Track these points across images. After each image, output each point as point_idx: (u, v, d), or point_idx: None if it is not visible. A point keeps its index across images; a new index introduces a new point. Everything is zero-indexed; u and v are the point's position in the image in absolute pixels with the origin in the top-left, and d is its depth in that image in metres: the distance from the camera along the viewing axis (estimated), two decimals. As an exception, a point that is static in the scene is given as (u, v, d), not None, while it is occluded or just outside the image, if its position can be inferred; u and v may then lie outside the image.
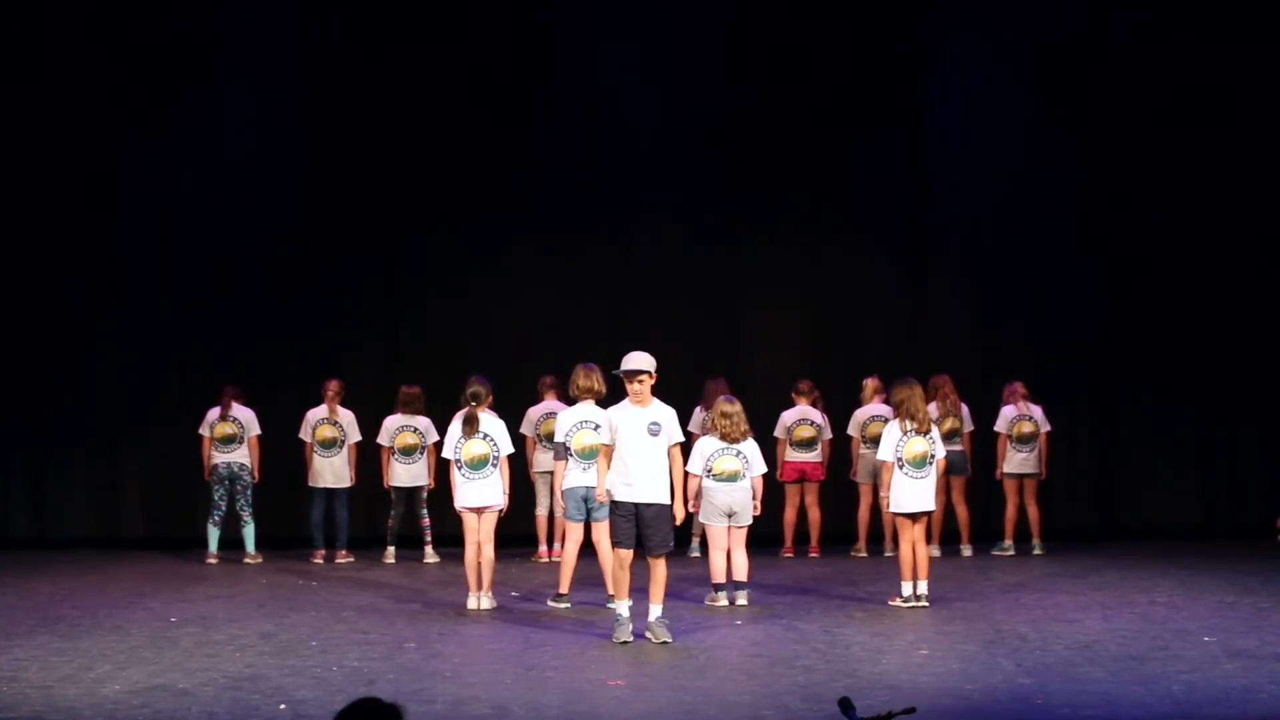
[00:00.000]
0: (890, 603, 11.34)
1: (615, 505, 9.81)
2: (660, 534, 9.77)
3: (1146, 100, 15.86)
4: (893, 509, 11.61)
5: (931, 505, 11.50)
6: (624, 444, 9.76)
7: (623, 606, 9.72)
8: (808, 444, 14.49)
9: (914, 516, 11.37)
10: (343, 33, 15.82)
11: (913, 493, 11.37)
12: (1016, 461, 14.62)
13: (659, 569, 9.82)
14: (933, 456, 11.41)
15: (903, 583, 11.31)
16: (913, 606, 11.17)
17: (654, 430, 9.74)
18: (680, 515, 9.96)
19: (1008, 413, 14.56)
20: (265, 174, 15.89)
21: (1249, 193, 15.82)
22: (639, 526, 9.75)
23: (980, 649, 9.49)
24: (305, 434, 14.39)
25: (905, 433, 11.37)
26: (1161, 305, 15.91)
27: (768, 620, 10.74)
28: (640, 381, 9.75)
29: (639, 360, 9.81)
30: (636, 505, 9.71)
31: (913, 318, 16.10)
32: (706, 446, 11.70)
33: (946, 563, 13.87)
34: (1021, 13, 16.17)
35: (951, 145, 16.19)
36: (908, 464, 11.36)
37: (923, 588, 11.25)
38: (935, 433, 11.52)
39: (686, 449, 12.33)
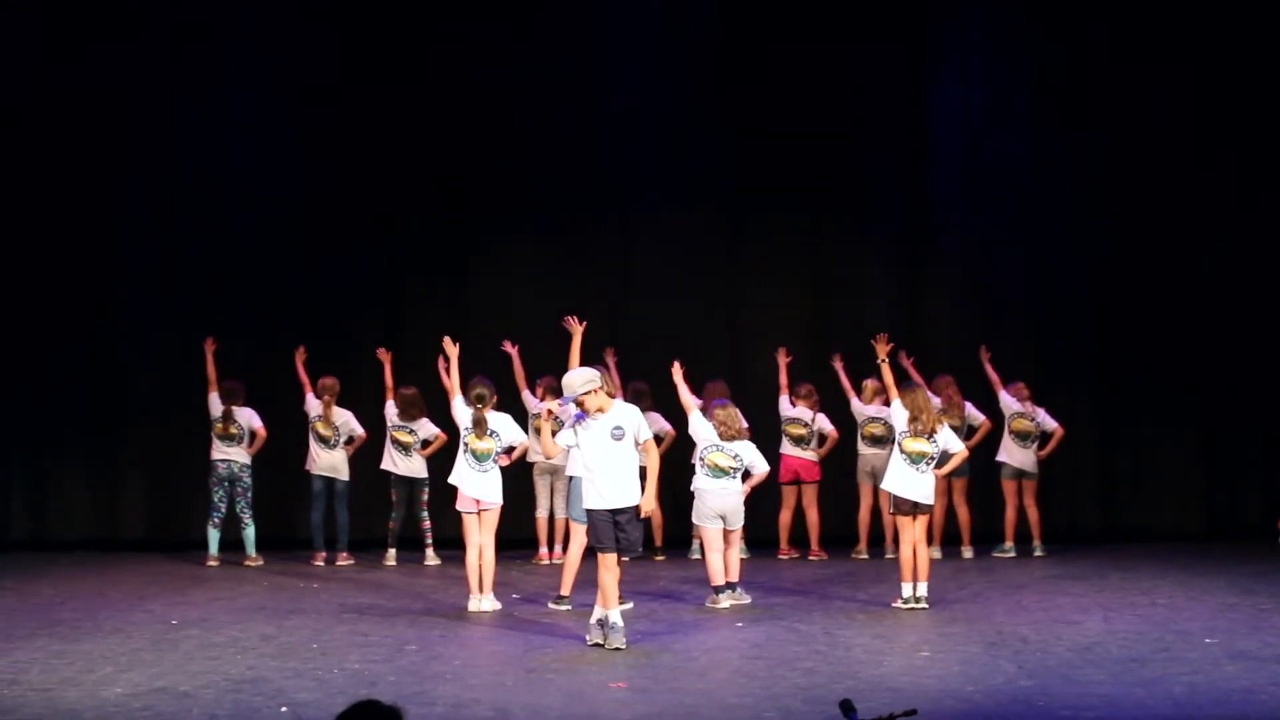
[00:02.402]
0: (892, 605, 11.34)
1: (591, 511, 9.79)
2: (630, 538, 9.71)
3: (1147, 98, 15.86)
4: (887, 487, 11.61)
5: (929, 500, 11.48)
6: (589, 454, 9.72)
7: (615, 613, 9.68)
8: (800, 441, 14.50)
9: (912, 512, 11.36)
10: (343, 32, 15.84)
11: (911, 481, 11.38)
12: (1017, 457, 14.62)
13: (615, 570, 9.70)
14: (932, 458, 11.41)
15: (902, 584, 11.32)
16: (912, 608, 11.17)
17: (617, 435, 9.65)
18: (646, 509, 9.83)
19: (1011, 404, 14.57)
20: (265, 174, 15.92)
21: (1250, 193, 15.82)
22: (614, 530, 9.71)
23: (981, 651, 9.48)
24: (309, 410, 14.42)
25: (914, 433, 11.38)
26: (1162, 306, 15.91)
27: (768, 622, 10.73)
28: (583, 403, 9.68)
29: (575, 385, 9.64)
30: (611, 511, 9.69)
31: (913, 317, 16.09)
32: (706, 434, 11.73)
33: (948, 564, 13.88)
34: (1023, 9, 16.18)
35: (952, 145, 16.19)
36: (908, 455, 11.39)
37: (923, 589, 11.25)
38: (942, 436, 11.50)
39: (689, 450, 12.42)
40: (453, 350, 11.55)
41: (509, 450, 11.67)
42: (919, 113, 16.22)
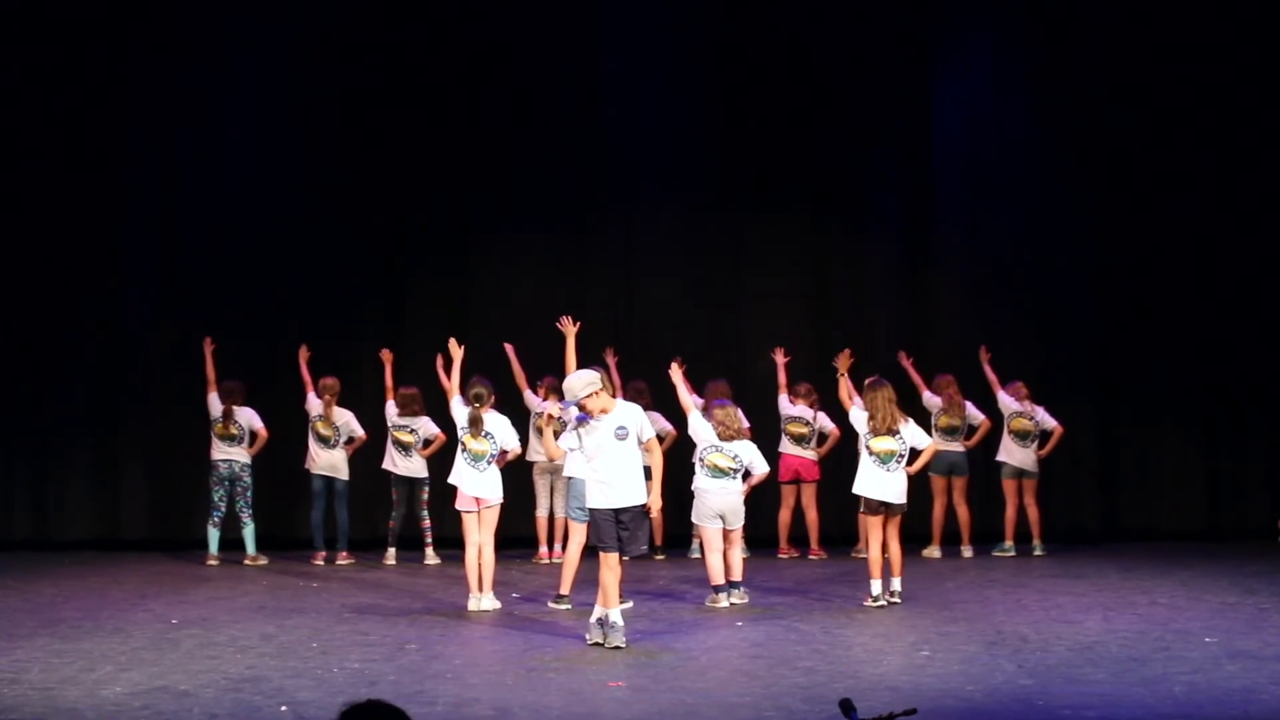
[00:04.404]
0: (863, 603, 11.34)
1: (594, 510, 9.79)
2: (636, 538, 9.71)
3: (1149, 97, 15.87)
4: (856, 490, 11.59)
5: (898, 500, 11.43)
6: (594, 453, 9.70)
7: (615, 612, 9.68)
8: (801, 440, 14.51)
9: (882, 513, 11.37)
10: (343, 31, 15.85)
11: (878, 482, 11.38)
12: (1017, 456, 14.62)
13: (617, 569, 9.69)
14: (902, 456, 11.41)
15: (871, 581, 11.31)
16: (885, 604, 11.21)
17: (621, 434, 9.64)
18: (655, 508, 9.88)
19: (1010, 404, 14.57)
20: (266, 173, 15.93)
21: (1252, 190, 15.83)
22: (617, 529, 9.70)
23: (981, 650, 9.48)
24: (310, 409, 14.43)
25: (874, 431, 11.39)
26: (1164, 305, 15.92)
27: (768, 621, 10.73)
28: (586, 405, 9.67)
29: (577, 389, 9.59)
30: (615, 510, 9.69)
31: (914, 316, 16.11)
32: (705, 435, 11.73)
33: (947, 564, 13.90)
34: (1024, 8, 16.18)
35: (953, 144, 16.19)
36: (876, 455, 11.40)
37: (896, 584, 11.35)
38: (907, 432, 11.47)
39: (690, 449, 12.43)
40: (457, 353, 11.55)
41: (502, 454, 11.64)
42: (919, 112, 16.23)
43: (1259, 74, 15.81)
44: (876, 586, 11.30)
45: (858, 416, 11.57)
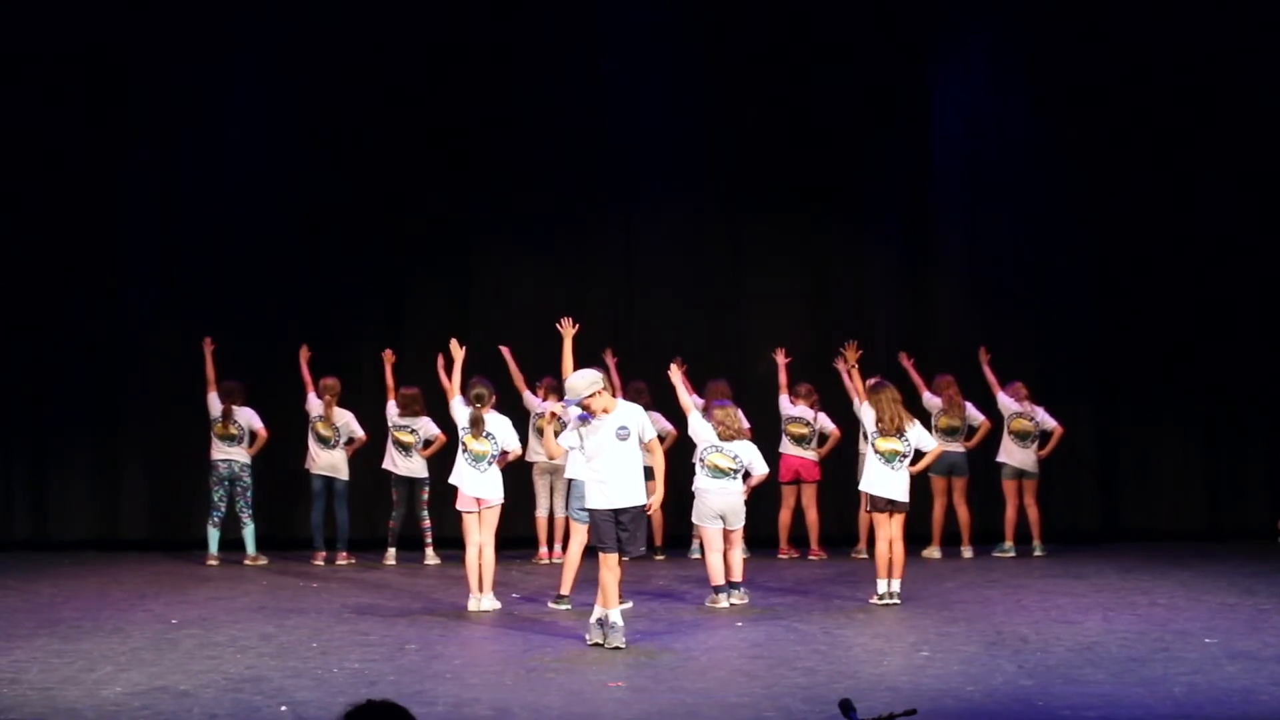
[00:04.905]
0: (869, 601, 11.38)
1: (594, 511, 9.79)
2: (635, 538, 9.71)
3: (1148, 97, 15.87)
4: (863, 487, 11.71)
5: (904, 498, 11.50)
6: (594, 453, 9.69)
7: (614, 613, 9.68)
8: (802, 440, 14.52)
9: (888, 510, 11.42)
10: (343, 31, 15.85)
11: (885, 479, 11.45)
12: (1017, 457, 14.63)
13: (616, 569, 9.69)
14: (905, 455, 11.44)
15: (878, 580, 11.39)
16: (887, 604, 11.24)
17: (622, 435, 9.63)
18: (654, 504, 9.92)
19: (1009, 405, 14.58)
20: (266, 174, 15.93)
21: (1251, 190, 15.82)
22: (617, 530, 9.71)
23: (981, 650, 9.48)
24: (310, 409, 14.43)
25: (883, 432, 11.42)
26: (1163, 305, 15.91)
27: (768, 621, 10.74)
28: (589, 404, 9.65)
29: (580, 389, 9.57)
30: (614, 511, 9.69)
31: (914, 317, 16.11)
32: (705, 435, 11.74)
33: (947, 564, 13.90)
34: (1024, 8, 16.19)
35: (953, 144, 16.19)
36: (881, 454, 11.45)
37: (895, 585, 11.38)
38: (913, 434, 11.51)
39: (690, 449, 12.43)
40: (458, 353, 11.55)
41: (503, 455, 11.63)
42: (919, 112, 16.23)
43: (1260, 73, 15.80)
44: (883, 585, 11.33)
45: (867, 414, 11.59)
